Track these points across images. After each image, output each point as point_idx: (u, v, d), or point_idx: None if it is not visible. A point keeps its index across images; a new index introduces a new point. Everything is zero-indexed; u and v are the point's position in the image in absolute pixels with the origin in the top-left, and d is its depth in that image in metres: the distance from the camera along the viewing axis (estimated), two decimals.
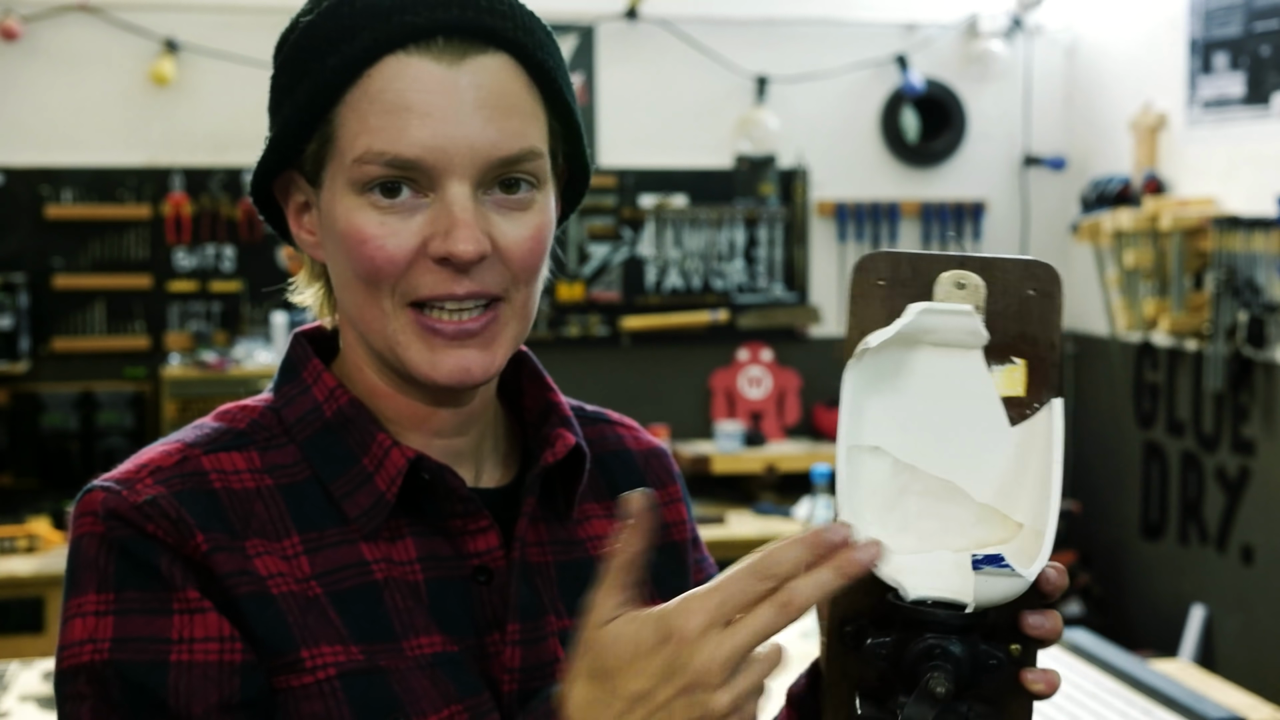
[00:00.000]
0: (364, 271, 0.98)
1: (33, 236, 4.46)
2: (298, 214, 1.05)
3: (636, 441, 1.21)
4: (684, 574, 1.17)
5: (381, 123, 0.96)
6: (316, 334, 1.10)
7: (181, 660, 0.93)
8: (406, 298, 0.99)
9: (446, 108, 0.96)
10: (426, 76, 0.96)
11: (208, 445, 1.02)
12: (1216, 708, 2.51)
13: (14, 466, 4.42)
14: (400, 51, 0.96)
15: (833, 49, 4.96)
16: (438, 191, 0.97)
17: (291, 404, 1.05)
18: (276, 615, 0.96)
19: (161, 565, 0.95)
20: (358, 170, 0.97)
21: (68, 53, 4.47)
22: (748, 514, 4.55)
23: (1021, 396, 0.95)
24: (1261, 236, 4.00)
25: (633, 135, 4.78)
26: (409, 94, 0.95)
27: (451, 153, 0.96)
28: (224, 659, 0.94)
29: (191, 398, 4.24)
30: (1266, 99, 4.12)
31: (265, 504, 1.00)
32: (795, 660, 2.97)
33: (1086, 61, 5.05)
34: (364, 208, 0.98)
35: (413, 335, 1.00)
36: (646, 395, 4.88)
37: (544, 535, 1.09)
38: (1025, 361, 0.95)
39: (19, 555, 3.93)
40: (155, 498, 0.96)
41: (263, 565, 0.97)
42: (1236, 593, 4.24)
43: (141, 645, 0.94)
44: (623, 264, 4.88)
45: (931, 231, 5.08)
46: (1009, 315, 0.96)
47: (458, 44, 0.96)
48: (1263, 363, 4.10)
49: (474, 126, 0.96)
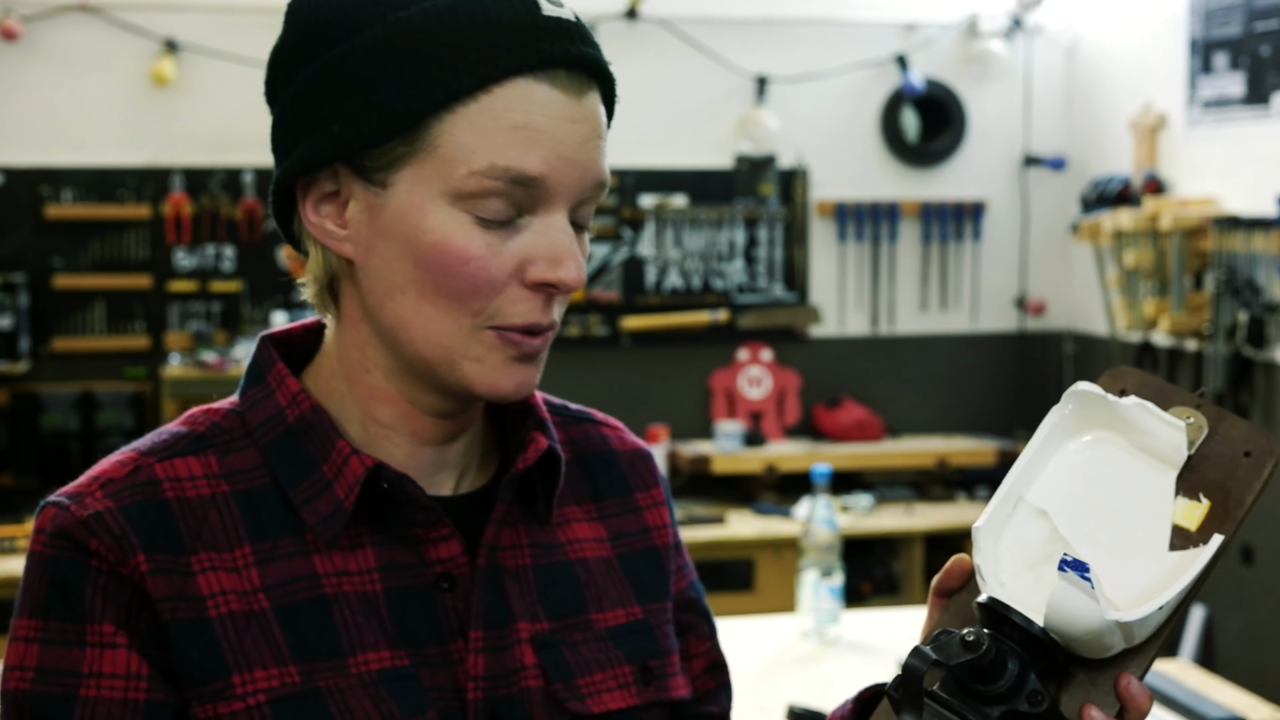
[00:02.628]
0: (455, 289, 0.97)
1: (33, 236, 4.46)
2: (319, 203, 1.01)
3: (621, 442, 1.20)
4: (665, 579, 1.16)
5: (506, 140, 0.95)
6: (284, 338, 1.09)
7: (89, 695, 0.94)
8: (492, 320, 0.98)
9: (569, 135, 0.97)
10: (553, 103, 0.97)
11: (163, 452, 1.01)
12: (1216, 708, 2.51)
13: (14, 466, 4.42)
14: (529, 76, 0.96)
15: (833, 49, 4.96)
16: (538, 215, 0.98)
17: (255, 408, 1.04)
18: (210, 641, 0.96)
19: (86, 594, 0.95)
20: (473, 182, 0.95)
21: (68, 53, 4.47)
22: (748, 514, 4.55)
23: (1191, 531, 0.97)
24: (1261, 236, 4.00)
25: (633, 135, 4.78)
26: (538, 117, 0.96)
27: (569, 178, 0.97)
28: (128, 696, 0.94)
29: (191, 398, 4.23)
30: (1266, 99, 4.12)
31: (219, 511, 0.99)
32: (795, 661, 2.94)
33: (1086, 61, 5.05)
34: (465, 224, 0.96)
35: (489, 353, 0.99)
36: (646, 395, 4.88)
37: (522, 538, 1.07)
38: (1210, 504, 0.98)
39: (19, 555, 3.93)
40: (100, 512, 0.96)
41: (205, 583, 0.97)
42: (1236, 593, 4.24)
43: (55, 677, 0.95)
44: (623, 264, 4.88)
45: (931, 231, 5.08)
46: (1216, 463, 0.99)
47: (577, 78, 0.98)
48: (1263, 363, 4.10)
49: (586, 155, 0.98)
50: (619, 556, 1.13)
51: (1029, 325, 5.23)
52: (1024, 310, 5.20)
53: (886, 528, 4.52)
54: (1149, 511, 0.98)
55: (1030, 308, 5.18)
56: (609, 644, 1.08)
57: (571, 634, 1.07)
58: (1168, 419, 0.98)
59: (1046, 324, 5.23)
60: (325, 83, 0.98)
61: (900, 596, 4.57)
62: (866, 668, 2.66)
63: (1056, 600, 0.90)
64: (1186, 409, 1.00)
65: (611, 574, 1.12)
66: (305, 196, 1.01)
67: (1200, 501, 0.97)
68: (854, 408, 4.96)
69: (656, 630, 1.12)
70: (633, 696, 1.08)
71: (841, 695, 2.52)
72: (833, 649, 2.80)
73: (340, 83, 0.97)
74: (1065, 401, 1.00)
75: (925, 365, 5.14)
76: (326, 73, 0.98)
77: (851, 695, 1.07)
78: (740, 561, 4.35)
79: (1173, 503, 0.97)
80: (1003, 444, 4.94)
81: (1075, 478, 0.99)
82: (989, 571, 0.95)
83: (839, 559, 2.88)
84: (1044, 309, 5.20)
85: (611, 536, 1.14)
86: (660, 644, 1.12)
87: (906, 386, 5.13)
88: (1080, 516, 0.98)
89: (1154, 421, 0.98)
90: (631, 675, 1.08)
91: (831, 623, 2.85)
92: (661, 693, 1.10)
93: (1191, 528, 0.97)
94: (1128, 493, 0.99)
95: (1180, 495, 0.98)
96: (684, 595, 1.17)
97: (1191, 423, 0.99)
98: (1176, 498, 0.98)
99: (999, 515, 0.97)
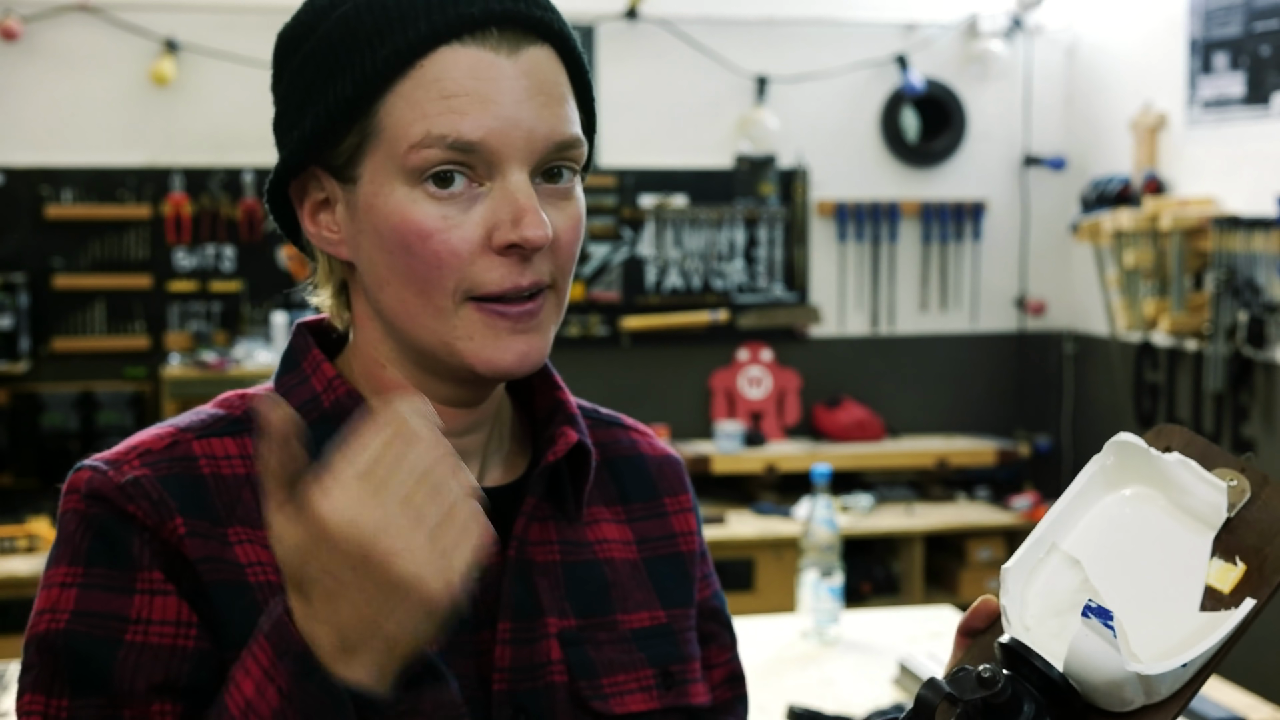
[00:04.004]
0: (422, 267, 0.97)
1: (33, 236, 4.46)
2: (314, 212, 1.03)
3: (651, 447, 1.20)
4: (689, 585, 1.16)
5: (440, 108, 0.95)
6: (318, 326, 1.10)
7: (135, 640, 0.94)
8: (469, 294, 0.98)
9: (504, 95, 0.96)
10: (483, 65, 0.96)
11: (201, 430, 1.02)
12: (1216, 708, 2.51)
13: (14, 466, 4.42)
14: (455, 42, 0.96)
15: (833, 49, 4.97)
16: (495, 180, 0.97)
17: (290, 394, 1.05)
18: (251, 604, 0.96)
19: (133, 546, 0.95)
20: (415, 156, 0.96)
21: (68, 53, 4.47)
22: (748, 514, 4.56)
23: (1224, 594, 0.96)
24: (1261, 236, 3.99)
25: (633, 135, 4.78)
26: (468, 81, 0.96)
27: (513, 137, 0.96)
28: (177, 643, 0.94)
29: (191, 398, 4.23)
30: (1266, 99, 4.12)
31: (254, 491, 0.99)
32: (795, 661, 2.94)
33: (1086, 61, 5.05)
34: (420, 200, 0.97)
35: (477, 328, 0.99)
36: (646, 395, 4.88)
37: (551, 535, 1.08)
38: (1245, 568, 0.96)
39: (19, 555, 3.93)
40: (139, 478, 0.97)
41: (243, 553, 0.97)
42: None
43: (99, 620, 0.94)
44: (623, 264, 4.88)
45: (931, 231, 5.08)
46: (1255, 528, 0.97)
47: (510, 35, 0.97)
48: (1263, 363, 4.10)
49: (531, 113, 0.97)
50: (645, 560, 1.13)
51: (1029, 325, 5.23)
52: (1024, 310, 5.20)
53: (886, 528, 4.52)
54: (1183, 571, 0.97)
55: (1030, 308, 5.18)
56: (632, 646, 1.09)
57: (596, 633, 1.07)
58: (1209, 479, 0.97)
59: (1046, 324, 5.23)
60: (290, 92, 1.02)
61: (900, 596, 4.57)
62: (866, 668, 2.66)
63: (1077, 645, 0.89)
64: (1231, 471, 0.99)
65: (637, 576, 1.12)
66: (302, 208, 1.03)
67: (1236, 565, 0.96)
68: (854, 408, 4.96)
69: (679, 636, 1.13)
70: (653, 700, 1.08)
71: (841, 695, 2.53)
72: (833, 649, 2.80)
73: (298, 88, 1.01)
74: (1107, 452, 0.99)
75: (925, 365, 5.14)
76: (290, 83, 1.02)
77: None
78: (740, 561, 4.36)
79: (1208, 564, 0.96)
80: (1002, 444, 4.94)
81: (1111, 530, 0.99)
82: (1014, 614, 0.94)
83: (839, 559, 2.88)
84: (1044, 309, 5.20)
85: (638, 540, 1.14)
86: (682, 650, 1.12)
87: (906, 386, 5.13)
88: (1113, 569, 0.97)
89: (1195, 480, 0.98)
90: (653, 678, 1.09)
91: (831, 623, 2.85)
92: (681, 698, 1.10)
93: (1225, 590, 0.96)
94: (1163, 550, 0.98)
95: (1216, 557, 0.97)
96: (708, 604, 1.18)
97: (1234, 485, 0.98)
98: (1212, 559, 0.96)
99: (1030, 559, 0.96)
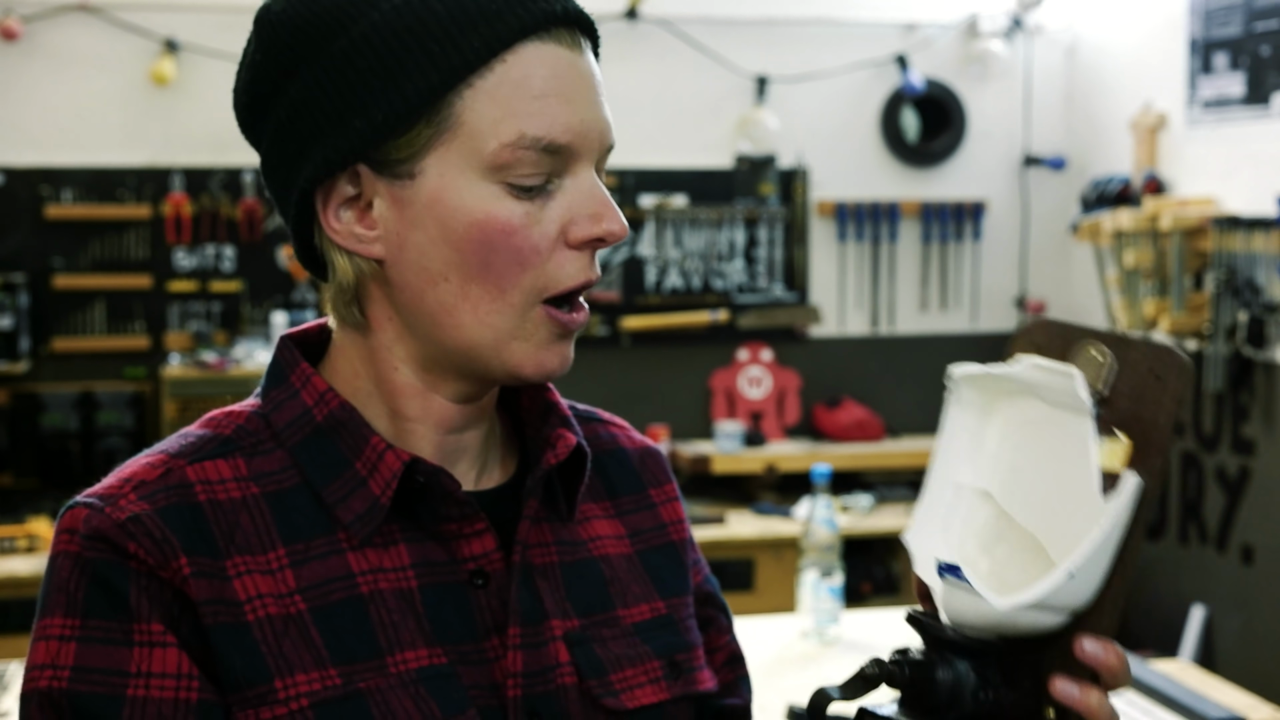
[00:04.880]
0: (501, 263, 0.96)
1: (33, 236, 4.46)
2: (339, 209, 0.99)
3: (630, 440, 1.20)
4: (684, 573, 1.16)
5: (533, 108, 0.95)
6: (303, 338, 1.08)
7: (137, 695, 0.92)
8: (544, 293, 0.98)
9: (580, 95, 0.98)
10: (563, 64, 0.97)
11: (192, 455, 0.99)
12: (1216, 708, 2.51)
13: (14, 466, 4.42)
14: (535, 39, 0.96)
15: (833, 49, 4.97)
16: (566, 177, 0.98)
17: (280, 409, 1.03)
18: (250, 646, 0.94)
19: (130, 594, 0.93)
20: (506, 154, 0.95)
21: (68, 53, 4.47)
22: (748, 514, 4.55)
23: (1118, 473, 0.94)
24: (1261, 236, 4.00)
25: (633, 135, 4.78)
26: (552, 80, 0.96)
27: (590, 138, 0.98)
28: (179, 696, 0.92)
29: (191, 398, 4.24)
30: (1266, 99, 4.12)
31: (251, 515, 0.98)
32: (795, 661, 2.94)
33: (1086, 61, 5.05)
34: (502, 196, 0.96)
35: (540, 330, 0.99)
36: (646, 395, 4.87)
37: (548, 536, 1.08)
38: (1130, 441, 0.95)
39: (19, 555, 3.93)
40: (139, 515, 0.94)
41: (242, 587, 0.95)
42: (1236, 593, 4.24)
43: (100, 676, 0.92)
44: (623, 264, 4.87)
45: (931, 231, 5.08)
46: (1129, 394, 0.96)
47: (575, 33, 0.99)
48: (1263, 363, 4.10)
49: (598, 113, 0.99)
50: (639, 553, 1.14)
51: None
52: (1024, 310, 5.19)
53: (886, 528, 4.52)
54: (1076, 463, 0.95)
55: (1030, 308, 5.18)
56: (636, 640, 1.09)
57: (600, 630, 1.07)
58: (1059, 368, 0.96)
59: None
60: (331, 81, 0.96)
61: (900, 596, 4.57)
62: None
63: (947, 607, 0.89)
64: (1095, 344, 0.97)
65: (633, 570, 1.12)
66: (325, 206, 0.99)
67: (1119, 439, 0.95)
68: (854, 408, 4.96)
69: (680, 625, 1.13)
70: (663, 691, 1.08)
71: None
72: (833, 649, 2.80)
73: (349, 77, 0.95)
74: (958, 389, 0.98)
75: (925, 365, 5.14)
76: (329, 71, 0.96)
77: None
78: (740, 561, 4.35)
79: (1096, 447, 0.95)
80: None
81: (1002, 453, 0.98)
82: (930, 577, 0.93)
83: (839, 559, 2.88)
84: (1044, 309, 5.20)
85: (630, 533, 1.14)
86: (685, 638, 1.12)
87: (906, 386, 5.13)
88: (1018, 488, 0.96)
89: (1049, 376, 0.96)
90: (661, 670, 1.09)
91: (831, 623, 2.85)
92: (690, 686, 1.10)
93: (1118, 469, 0.94)
94: (1055, 452, 0.96)
95: (1103, 437, 0.95)
96: (701, 589, 1.18)
97: (1100, 360, 0.96)
98: (1101, 441, 0.95)
99: (931, 515, 0.95)
